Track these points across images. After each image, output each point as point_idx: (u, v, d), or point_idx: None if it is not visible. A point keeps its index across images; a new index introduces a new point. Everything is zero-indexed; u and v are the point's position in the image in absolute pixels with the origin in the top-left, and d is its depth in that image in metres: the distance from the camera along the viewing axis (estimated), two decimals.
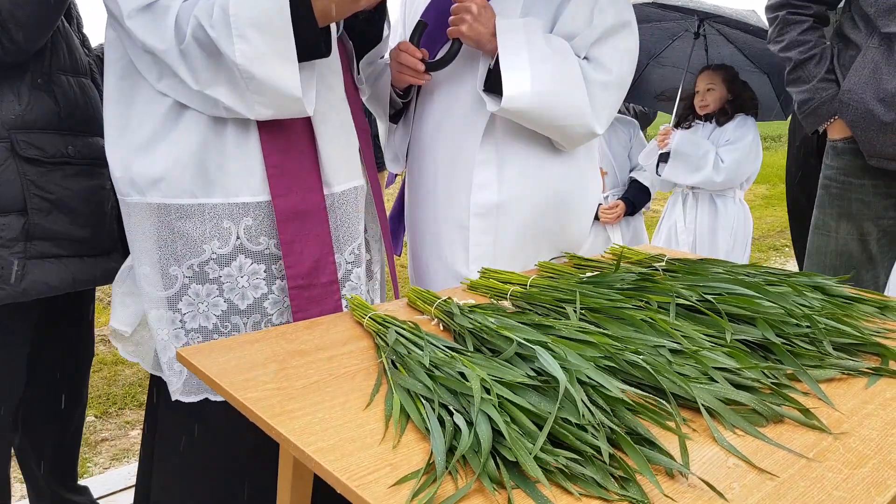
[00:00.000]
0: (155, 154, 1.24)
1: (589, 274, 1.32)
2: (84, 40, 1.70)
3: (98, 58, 1.73)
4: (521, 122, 1.48)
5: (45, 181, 1.48)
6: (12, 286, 1.45)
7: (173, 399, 1.32)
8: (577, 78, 1.44)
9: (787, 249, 6.58)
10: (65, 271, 1.52)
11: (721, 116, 3.03)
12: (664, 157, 3.00)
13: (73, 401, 1.86)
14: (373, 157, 1.54)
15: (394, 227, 1.82)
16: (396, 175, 1.86)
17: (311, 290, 1.34)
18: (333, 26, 1.26)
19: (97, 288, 1.75)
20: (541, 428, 0.74)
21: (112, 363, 3.45)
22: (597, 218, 3.03)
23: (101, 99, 1.67)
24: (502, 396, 0.76)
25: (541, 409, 0.75)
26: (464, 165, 1.53)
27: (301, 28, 1.15)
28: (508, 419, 0.72)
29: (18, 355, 1.60)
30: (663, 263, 1.39)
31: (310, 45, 1.18)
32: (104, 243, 1.60)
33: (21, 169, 1.45)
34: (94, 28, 1.70)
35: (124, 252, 1.65)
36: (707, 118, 3.07)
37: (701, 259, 1.43)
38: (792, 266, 5.88)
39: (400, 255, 2.55)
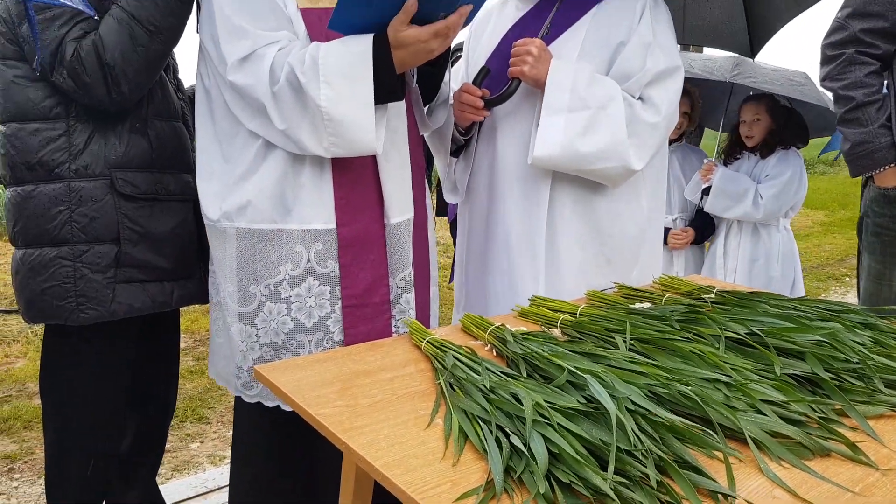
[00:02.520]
0: (245, 186, 1.40)
1: (638, 304, 1.36)
2: (179, 85, 1.87)
3: (190, 98, 1.89)
4: (557, 169, 1.58)
5: (137, 215, 1.65)
6: (104, 307, 1.61)
7: (252, 401, 1.46)
8: (616, 122, 1.53)
9: (847, 279, 6.38)
10: (146, 295, 1.68)
11: (764, 149, 3.03)
12: (707, 191, 3.03)
13: (164, 410, 2.01)
14: (424, 190, 1.64)
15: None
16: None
17: (363, 308, 1.46)
18: (407, 72, 1.38)
19: None
20: (591, 452, 0.78)
21: None
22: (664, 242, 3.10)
23: (192, 136, 1.83)
24: (560, 424, 0.81)
25: (593, 436, 0.80)
26: (535, 200, 1.63)
27: (381, 75, 1.28)
28: (564, 442, 0.77)
29: (121, 371, 1.76)
30: (712, 295, 1.42)
31: (387, 90, 1.31)
32: (181, 270, 1.75)
33: (118, 204, 1.63)
34: (188, 72, 1.86)
35: (202, 276, 1.78)
36: (752, 149, 3.08)
37: (751, 291, 1.45)
38: (852, 297, 5.70)
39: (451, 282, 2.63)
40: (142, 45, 1.52)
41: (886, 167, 1.79)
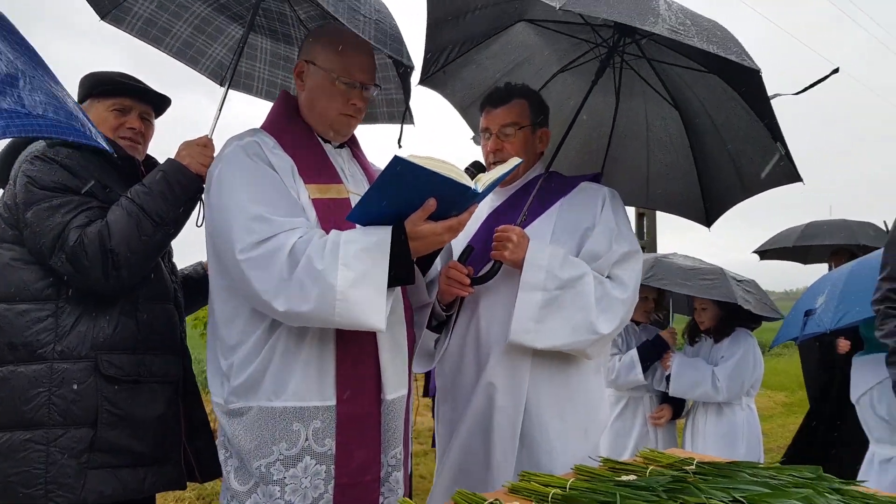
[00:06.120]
0: (250, 366, 1.44)
1: (625, 477, 1.41)
2: (173, 268, 1.95)
3: (182, 280, 1.98)
4: (535, 345, 1.71)
5: (118, 398, 1.64)
6: (75, 495, 1.55)
7: None
8: (587, 297, 1.71)
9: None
10: (117, 481, 1.62)
11: (716, 333, 3.28)
12: (669, 378, 3.21)
13: None
14: (411, 367, 1.71)
15: None
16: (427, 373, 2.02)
17: (354, 488, 1.46)
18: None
19: None
20: None
21: None
22: None
23: (182, 318, 1.88)
24: None
25: None
26: (517, 372, 1.74)
27: (397, 262, 1.38)
28: None
29: None
30: (693, 466, 1.47)
31: (401, 276, 1.41)
32: (158, 454, 1.71)
33: (99, 386, 1.62)
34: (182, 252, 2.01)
35: (180, 460, 1.75)
36: (707, 333, 3.32)
37: (729, 462, 1.51)
38: None
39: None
40: (146, 235, 1.62)
41: None
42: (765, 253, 6.07)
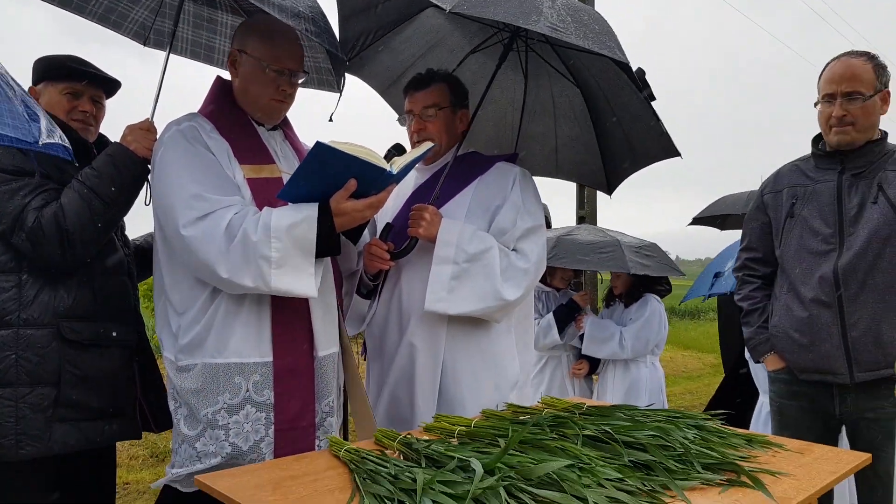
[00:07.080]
0: (196, 327, 1.63)
1: (522, 417, 1.65)
2: (126, 241, 2.10)
3: (134, 252, 2.12)
4: (449, 311, 1.91)
5: (79, 360, 1.81)
6: (43, 444, 1.73)
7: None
8: (492, 267, 1.91)
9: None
10: (80, 433, 1.80)
11: (628, 298, 3.59)
12: (582, 338, 3.53)
13: None
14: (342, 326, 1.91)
15: None
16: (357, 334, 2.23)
17: (292, 432, 1.67)
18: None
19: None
20: None
21: None
22: None
23: (135, 288, 2.04)
24: (444, 492, 1.06)
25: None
26: (434, 337, 1.95)
27: (323, 235, 1.57)
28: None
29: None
30: (583, 409, 1.72)
31: (328, 247, 1.60)
32: (114, 408, 1.89)
33: (62, 349, 1.78)
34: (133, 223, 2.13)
35: (134, 414, 1.92)
36: (619, 297, 3.64)
37: (612, 406, 1.77)
38: None
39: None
40: (98, 214, 1.77)
41: (767, 355, 2.35)
42: (701, 220, 6.35)
